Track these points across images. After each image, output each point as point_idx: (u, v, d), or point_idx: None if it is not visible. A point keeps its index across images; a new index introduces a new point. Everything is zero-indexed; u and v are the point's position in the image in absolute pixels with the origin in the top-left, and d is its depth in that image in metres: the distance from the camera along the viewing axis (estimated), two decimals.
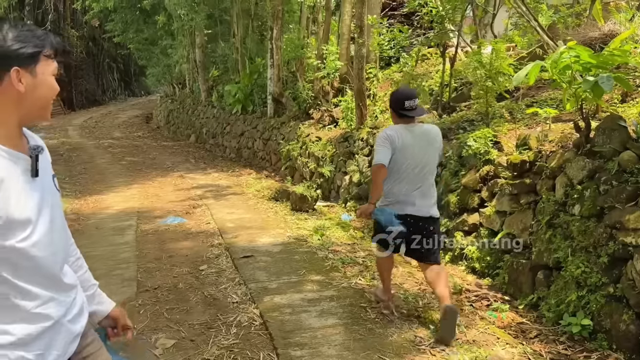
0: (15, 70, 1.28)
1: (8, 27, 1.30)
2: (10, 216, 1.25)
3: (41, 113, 1.40)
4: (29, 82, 1.32)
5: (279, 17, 11.41)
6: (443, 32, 7.09)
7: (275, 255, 5.30)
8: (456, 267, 4.94)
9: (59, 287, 1.41)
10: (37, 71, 1.33)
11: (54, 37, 1.40)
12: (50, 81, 1.38)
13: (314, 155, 8.89)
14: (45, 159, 1.46)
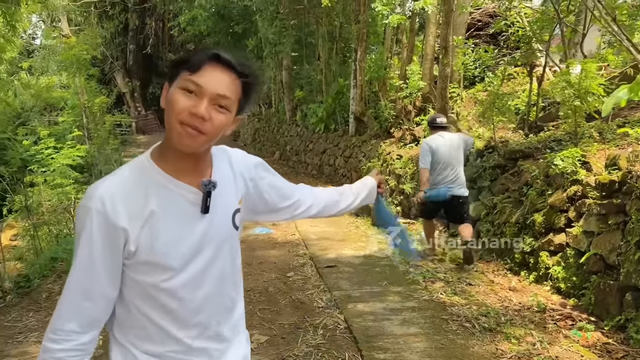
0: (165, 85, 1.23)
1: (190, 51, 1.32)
2: (155, 253, 1.16)
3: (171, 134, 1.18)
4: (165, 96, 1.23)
5: (363, 39, 11.77)
6: (530, 51, 7.07)
7: (357, 267, 5.51)
8: (541, 287, 4.90)
9: (207, 335, 1.28)
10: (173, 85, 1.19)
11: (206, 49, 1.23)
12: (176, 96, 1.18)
13: (394, 172, 9.05)
14: (230, 192, 1.33)
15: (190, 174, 1.22)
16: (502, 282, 5.11)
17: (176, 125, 1.14)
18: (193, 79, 1.15)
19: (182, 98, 1.14)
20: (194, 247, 1.21)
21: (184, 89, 1.15)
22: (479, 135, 7.92)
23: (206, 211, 1.22)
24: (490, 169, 6.73)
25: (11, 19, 5.92)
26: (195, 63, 1.16)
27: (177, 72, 1.17)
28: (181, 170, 1.21)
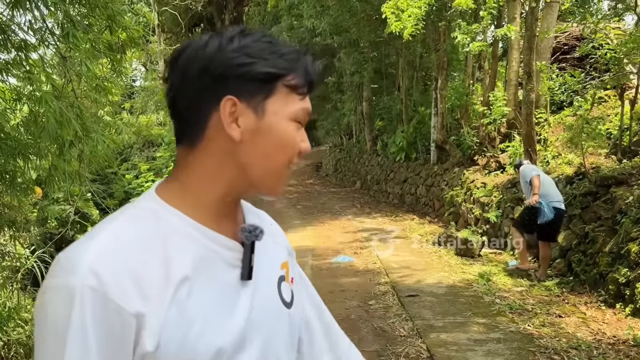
0: (230, 100, 0.74)
1: (237, 35, 0.77)
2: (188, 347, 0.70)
3: (267, 182, 0.81)
4: (251, 123, 0.76)
5: (443, 67, 11.79)
6: (620, 73, 6.78)
7: (440, 297, 5.47)
8: (638, 320, 4.60)
9: None
10: (267, 108, 0.77)
11: (311, 59, 0.82)
12: (288, 129, 0.79)
13: (479, 201, 8.88)
14: (271, 248, 0.90)
15: (227, 220, 0.81)
16: (596, 314, 4.85)
17: (285, 169, 0.81)
18: (304, 105, 0.82)
19: (294, 132, 0.80)
20: (236, 341, 0.75)
21: (295, 120, 0.80)
22: (569, 162, 7.63)
23: (249, 276, 0.79)
24: (580, 196, 6.46)
25: (118, 65, 6.59)
26: (309, 82, 0.81)
27: (273, 88, 0.77)
28: (221, 218, 0.80)
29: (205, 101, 0.75)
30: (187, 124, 0.78)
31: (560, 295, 5.47)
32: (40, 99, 3.72)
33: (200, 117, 0.76)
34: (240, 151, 0.76)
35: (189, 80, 0.75)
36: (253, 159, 0.78)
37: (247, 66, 0.75)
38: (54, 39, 4.86)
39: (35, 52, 5.16)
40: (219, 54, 0.74)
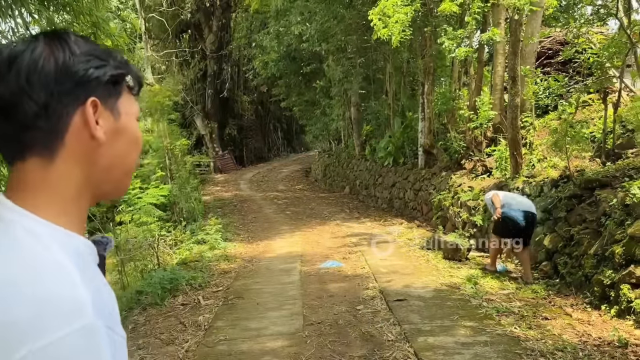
0: (93, 101, 0.74)
1: (76, 38, 0.76)
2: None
3: (119, 180, 0.81)
4: (110, 124, 0.77)
5: (430, 72, 11.87)
6: (603, 77, 6.87)
7: (428, 301, 5.49)
8: (623, 321, 4.65)
9: None
10: (120, 109, 0.78)
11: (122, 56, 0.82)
12: (136, 127, 0.82)
13: (466, 204, 8.93)
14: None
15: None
16: (581, 316, 4.90)
17: (134, 167, 0.84)
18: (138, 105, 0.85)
19: (139, 130, 0.83)
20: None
21: (137, 119, 0.83)
22: (554, 165, 7.71)
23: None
24: (565, 199, 6.52)
25: None
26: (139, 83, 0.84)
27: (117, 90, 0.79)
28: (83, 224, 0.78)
29: (66, 106, 0.72)
30: (37, 132, 0.71)
31: (547, 298, 5.51)
32: None
33: (59, 124, 0.72)
34: (102, 154, 0.76)
35: (41, 86, 0.70)
36: (114, 160, 0.78)
37: (101, 68, 0.75)
38: None
39: None
40: (75, 58, 0.73)
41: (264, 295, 6.03)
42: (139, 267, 8.47)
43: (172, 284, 6.40)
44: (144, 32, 18.03)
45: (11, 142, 0.72)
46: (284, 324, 4.94)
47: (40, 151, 0.72)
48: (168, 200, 11.19)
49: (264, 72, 21.54)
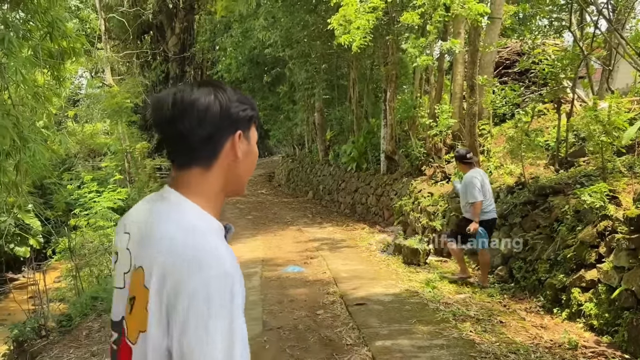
0: (240, 134, 1.13)
1: (229, 88, 1.15)
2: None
3: (243, 185, 1.21)
4: (245, 148, 1.15)
5: (392, 80, 12.03)
6: (556, 88, 7.12)
7: (387, 305, 5.54)
8: (574, 324, 4.81)
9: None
10: (250, 137, 1.18)
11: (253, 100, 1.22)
12: (256, 148, 1.21)
13: (425, 210, 9.08)
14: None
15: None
16: (534, 319, 5.04)
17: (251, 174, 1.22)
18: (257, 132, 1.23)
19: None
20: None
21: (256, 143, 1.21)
22: (510, 172, 7.92)
23: None
24: (520, 205, 6.71)
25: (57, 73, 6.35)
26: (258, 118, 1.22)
27: (250, 125, 1.17)
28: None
29: (223, 136, 1.11)
30: (201, 151, 1.10)
31: (502, 302, 5.64)
32: None
33: (217, 147, 1.11)
34: (238, 167, 1.15)
35: (209, 121, 1.09)
36: (244, 171, 1.18)
37: (244, 111, 1.14)
38: None
39: None
40: (229, 104, 1.11)
41: None
42: (94, 273, 8.24)
43: None
44: (103, 33, 17.62)
45: (184, 156, 1.12)
46: None
47: (202, 164, 1.11)
48: (126, 204, 10.94)
49: (228, 75, 21.37)
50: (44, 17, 5.53)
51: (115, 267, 1.15)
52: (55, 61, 5.74)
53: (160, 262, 1.00)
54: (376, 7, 8.69)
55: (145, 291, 1.01)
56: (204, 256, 0.98)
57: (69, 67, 9.60)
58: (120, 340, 1.09)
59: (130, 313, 1.06)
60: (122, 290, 1.11)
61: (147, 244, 1.05)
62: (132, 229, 1.12)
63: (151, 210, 1.12)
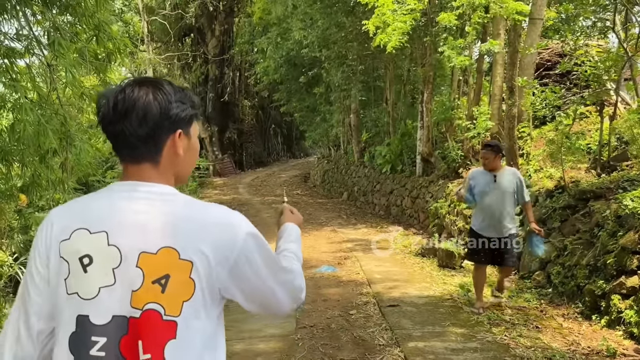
0: (179, 133, 1.22)
1: (170, 87, 1.23)
2: None
3: (186, 177, 1.32)
4: (185, 145, 1.25)
5: (429, 81, 11.95)
6: (599, 90, 6.94)
7: (420, 307, 5.53)
8: (613, 331, 4.69)
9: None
10: (190, 133, 1.27)
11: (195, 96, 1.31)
12: (197, 143, 1.32)
13: (462, 213, 8.98)
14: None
15: None
16: (572, 326, 4.93)
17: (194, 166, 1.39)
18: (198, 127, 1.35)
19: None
20: None
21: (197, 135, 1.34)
22: (550, 176, 7.76)
23: None
24: (560, 209, 6.57)
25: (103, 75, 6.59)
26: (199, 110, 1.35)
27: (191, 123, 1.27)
28: None
29: (163, 134, 1.20)
30: (143, 149, 1.19)
31: (539, 307, 5.55)
32: (22, 108, 3.75)
33: (159, 144, 1.20)
34: (179, 162, 1.25)
35: (150, 121, 1.17)
36: (186, 164, 1.28)
37: (184, 111, 1.23)
38: (40, 47, 4.89)
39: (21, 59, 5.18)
40: (169, 105, 1.19)
41: None
42: None
43: None
44: (146, 35, 18.14)
45: (129, 152, 1.20)
46: (277, 326, 4.98)
47: (149, 160, 1.21)
48: None
49: (266, 78, 21.64)
50: (90, 21, 5.77)
51: (88, 270, 1.12)
52: (101, 63, 5.97)
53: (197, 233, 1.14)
54: (414, 8, 8.66)
55: (185, 263, 1.11)
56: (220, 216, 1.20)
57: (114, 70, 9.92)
58: (116, 340, 1.10)
59: (163, 292, 1.10)
60: (112, 287, 1.10)
61: (169, 227, 1.13)
62: (108, 226, 1.13)
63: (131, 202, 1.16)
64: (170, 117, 1.19)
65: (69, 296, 1.12)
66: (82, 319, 1.11)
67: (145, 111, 1.16)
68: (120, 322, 1.10)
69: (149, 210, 1.15)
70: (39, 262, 1.18)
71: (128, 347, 1.09)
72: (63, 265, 1.14)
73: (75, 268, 1.13)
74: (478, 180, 5.27)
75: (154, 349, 1.09)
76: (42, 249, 1.18)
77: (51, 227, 1.19)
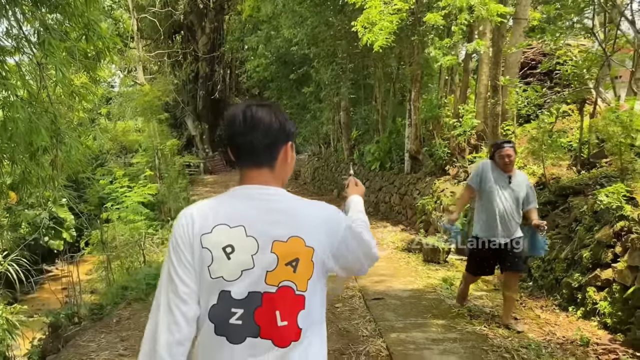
0: (291, 144, 1.54)
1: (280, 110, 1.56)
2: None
3: (286, 180, 1.58)
4: (290, 153, 1.55)
5: (417, 80, 12.10)
6: (579, 89, 7.13)
7: (404, 300, 5.68)
8: (588, 322, 4.87)
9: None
10: (293, 145, 1.58)
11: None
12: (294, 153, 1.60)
13: (448, 209, 9.14)
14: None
15: None
16: (549, 317, 5.11)
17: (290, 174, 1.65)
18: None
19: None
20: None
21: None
22: (533, 172, 7.94)
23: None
24: (541, 205, 6.73)
25: (93, 73, 6.65)
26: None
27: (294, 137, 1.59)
28: None
29: (280, 144, 1.49)
30: (267, 157, 1.48)
31: (519, 300, 5.71)
32: (12, 105, 3.84)
33: (274, 153, 1.49)
34: (287, 167, 1.54)
35: (272, 134, 1.46)
36: (289, 171, 1.56)
37: (292, 128, 1.53)
38: (29, 45, 4.96)
39: (11, 58, 5.24)
40: (285, 122, 1.50)
41: None
42: (125, 265, 8.59)
43: (156, 280, 6.52)
44: (136, 33, 18.13)
45: (252, 159, 1.48)
46: None
47: (268, 165, 1.48)
48: (156, 200, 11.31)
49: (257, 75, 21.68)
50: (80, 20, 5.84)
51: (232, 257, 1.37)
52: (91, 61, 6.05)
53: (316, 226, 1.44)
54: (400, 8, 8.80)
55: (309, 250, 1.40)
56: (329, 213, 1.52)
57: (103, 68, 9.98)
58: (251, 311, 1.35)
59: (294, 272, 1.38)
60: (252, 270, 1.36)
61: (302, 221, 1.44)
62: (245, 221, 1.40)
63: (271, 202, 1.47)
64: (285, 131, 1.49)
65: (213, 280, 1.37)
66: (223, 294, 1.36)
67: (268, 126, 1.45)
68: (255, 297, 1.35)
69: (272, 207, 1.44)
70: (187, 252, 1.40)
71: (262, 316, 1.35)
72: (206, 254, 1.37)
73: (219, 256, 1.37)
74: (488, 176, 4.71)
75: (289, 317, 1.36)
76: (186, 241, 1.40)
77: (192, 224, 1.41)
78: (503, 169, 4.70)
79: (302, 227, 1.41)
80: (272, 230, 1.39)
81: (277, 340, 1.35)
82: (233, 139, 1.47)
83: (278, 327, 1.35)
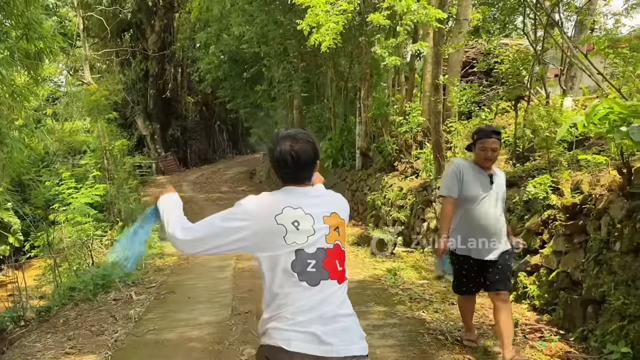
0: (317, 162, 2.11)
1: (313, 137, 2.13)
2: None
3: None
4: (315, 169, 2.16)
5: (366, 79, 12.42)
6: (513, 86, 7.54)
7: (350, 290, 5.81)
8: (520, 305, 5.22)
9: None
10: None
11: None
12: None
13: (395, 204, 9.47)
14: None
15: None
16: (485, 302, 5.42)
17: None
18: None
19: None
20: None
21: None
22: None
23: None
24: None
25: (35, 73, 6.56)
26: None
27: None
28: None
29: (313, 164, 2.03)
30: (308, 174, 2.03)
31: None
32: None
33: (311, 171, 2.04)
34: (315, 178, 2.10)
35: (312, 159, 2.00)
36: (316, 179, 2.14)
37: (318, 146, 2.07)
38: None
39: None
40: (317, 149, 2.05)
41: (197, 290, 6.27)
42: (73, 267, 8.47)
43: (104, 280, 6.51)
44: (82, 31, 17.69)
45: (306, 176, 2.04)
46: (213, 314, 5.22)
47: (309, 179, 2.05)
48: (105, 201, 11.14)
49: (210, 75, 21.53)
50: (20, 19, 5.77)
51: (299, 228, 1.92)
52: (32, 62, 5.97)
53: (342, 206, 2.10)
54: (346, 9, 9.03)
55: (342, 220, 2.03)
56: (345, 200, 2.18)
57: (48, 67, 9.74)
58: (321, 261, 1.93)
59: (339, 235, 2.00)
60: (314, 235, 1.93)
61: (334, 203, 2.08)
62: (301, 205, 1.95)
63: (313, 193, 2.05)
64: (317, 155, 2.03)
65: (289, 244, 1.91)
66: (299, 252, 1.91)
67: (311, 162, 2.01)
68: (320, 252, 1.93)
69: (315, 194, 2.04)
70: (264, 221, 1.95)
71: (328, 264, 1.93)
72: (280, 228, 1.91)
73: (291, 229, 1.91)
74: (468, 178, 3.85)
75: (342, 265, 1.99)
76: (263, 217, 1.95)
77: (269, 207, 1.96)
78: (482, 165, 3.87)
79: (336, 206, 2.05)
80: (319, 209, 1.97)
81: (340, 280, 1.99)
82: (284, 173, 2.02)
83: (339, 271, 1.97)
